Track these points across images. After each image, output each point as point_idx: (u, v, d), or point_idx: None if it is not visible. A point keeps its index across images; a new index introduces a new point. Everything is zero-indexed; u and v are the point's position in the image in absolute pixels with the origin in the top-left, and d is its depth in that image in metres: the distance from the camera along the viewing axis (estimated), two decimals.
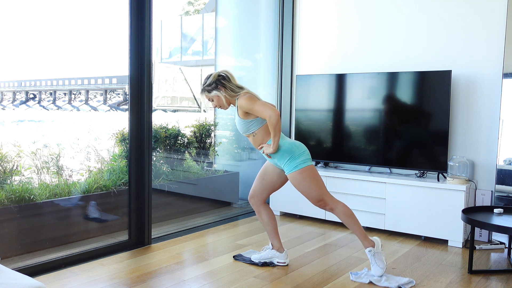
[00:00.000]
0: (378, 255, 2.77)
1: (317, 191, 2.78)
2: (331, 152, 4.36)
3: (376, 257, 2.77)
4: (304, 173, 2.74)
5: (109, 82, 4.43)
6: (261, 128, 2.81)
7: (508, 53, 3.58)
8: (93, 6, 3.90)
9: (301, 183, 2.76)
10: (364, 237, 2.80)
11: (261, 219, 3.09)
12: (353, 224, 2.80)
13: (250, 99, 2.72)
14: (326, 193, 2.81)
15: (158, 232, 3.75)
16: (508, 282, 2.86)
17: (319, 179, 2.80)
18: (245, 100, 2.73)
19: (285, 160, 2.77)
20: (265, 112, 2.66)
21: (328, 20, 4.60)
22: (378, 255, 2.77)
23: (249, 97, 2.73)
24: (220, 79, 2.81)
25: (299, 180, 2.76)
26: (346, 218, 2.80)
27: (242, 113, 2.79)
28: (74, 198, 3.39)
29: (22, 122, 3.78)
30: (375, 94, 4.09)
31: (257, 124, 2.79)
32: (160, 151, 4.31)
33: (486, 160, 3.77)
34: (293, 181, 2.79)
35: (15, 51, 3.41)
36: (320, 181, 2.80)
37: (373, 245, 2.79)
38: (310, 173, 2.76)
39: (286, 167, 2.78)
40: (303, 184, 2.76)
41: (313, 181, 2.76)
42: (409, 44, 4.11)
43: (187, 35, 6.19)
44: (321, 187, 2.80)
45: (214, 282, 2.78)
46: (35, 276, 2.74)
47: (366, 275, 2.81)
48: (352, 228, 2.80)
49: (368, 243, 2.79)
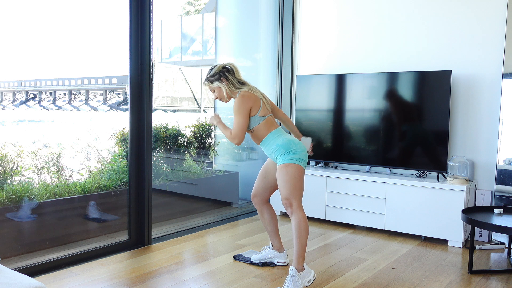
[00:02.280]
0: (295, 281, 2.55)
1: (291, 190, 2.68)
2: (331, 152, 4.36)
3: (293, 280, 2.55)
4: (291, 168, 2.67)
5: (109, 82, 4.43)
6: (260, 124, 2.79)
7: (508, 53, 3.58)
8: (93, 6, 3.90)
9: (282, 175, 2.68)
10: (302, 257, 2.63)
11: (263, 218, 3.09)
12: (301, 239, 2.63)
13: (240, 104, 2.73)
14: (298, 198, 2.70)
15: (158, 232, 3.75)
16: (508, 282, 2.86)
17: (300, 183, 2.71)
18: (237, 100, 2.75)
19: (279, 153, 2.73)
20: (233, 129, 2.74)
21: (328, 20, 4.60)
22: (295, 281, 2.55)
23: (241, 101, 2.73)
24: (224, 71, 2.82)
25: (282, 172, 2.68)
26: (298, 228, 2.65)
27: None
28: (74, 198, 3.39)
29: (22, 122, 3.78)
30: (375, 94, 4.09)
31: (255, 121, 2.78)
32: (160, 151, 4.31)
33: (486, 160, 3.77)
34: (278, 171, 2.72)
35: (15, 51, 3.41)
36: (300, 184, 2.70)
37: (301, 270, 2.61)
38: (295, 173, 2.67)
39: (279, 159, 2.74)
40: (283, 177, 2.68)
41: (293, 180, 2.67)
42: (409, 44, 4.11)
43: (187, 35, 6.19)
44: (297, 189, 2.69)
45: (214, 282, 2.78)
46: (35, 276, 2.74)
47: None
48: (297, 241, 2.63)
49: (299, 264, 2.61)
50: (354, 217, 4.05)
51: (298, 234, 2.64)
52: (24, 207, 3.05)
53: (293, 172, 2.67)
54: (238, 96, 2.76)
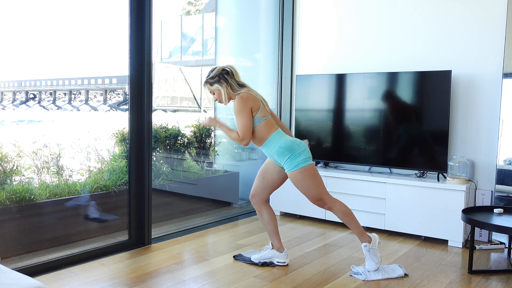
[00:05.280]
0: (373, 251, 2.86)
1: (316, 190, 2.81)
2: (331, 152, 4.36)
3: (371, 253, 2.85)
4: (305, 172, 2.76)
5: (109, 82, 4.43)
6: (260, 125, 2.81)
7: (508, 53, 3.58)
8: (93, 6, 3.90)
9: (301, 182, 2.78)
10: (362, 233, 2.89)
11: (262, 218, 3.09)
12: (351, 222, 2.88)
13: (240, 105, 2.74)
14: (325, 192, 2.85)
15: (158, 232, 3.75)
16: (508, 282, 2.86)
17: (319, 178, 2.83)
18: (237, 101, 2.77)
19: (285, 158, 2.77)
20: (239, 131, 2.76)
21: (328, 20, 4.60)
22: (373, 251, 2.86)
23: (240, 102, 2.75)
24: (223, 74, 2.84)
25: (300, 179, 2.77)
26: (344, 216, 2.87)
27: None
28: (74, 198, 3.39)
29: (22, 122, 3.78)
30: (375, 94, 4.09)
31: (254, 123, 2.79)
32: (160, 151, 4.31)
33: (486, 160, 3.77)
34: (293, 180, 2.80)
35: (15, 51, 3.41)
36: (319, 180, 2.83)
37: (369, 241, 2.88)
38: (310, 172, 2.78)
39: (286, 165, 2.79)
40: (303, 183, 2.78)
41: (313, 181, 2.79)
42: (409, 44, 4.11)
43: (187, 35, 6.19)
44: (320, 186, 2.82)
45: (214, 282, 2.78)
46: (35, 276, 2.74)
47: (363, 271, 2.87)
48: (350, 225, 2.88)
49: (365, 238, 2.88)
50: None
51: (348, 219, 2.87)
52: (24, 207, 3.05)
53: (309, 174, 2.78)
54: (237, 98, 2.77)
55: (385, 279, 2.82)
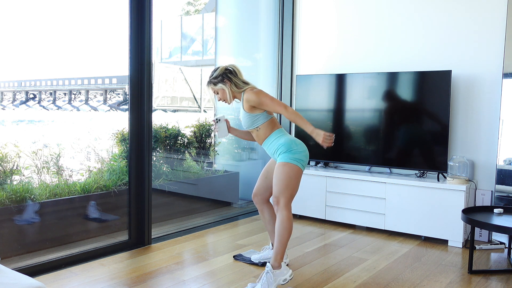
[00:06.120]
0: (270, 278, 2.55)
1: (282, 189, 2.68)
2: (331, 152, 4.35)
3: (267, 278, 2.55)
4: (288, 168, 2.67)
5: (109, 82, 4.43)
6: (266, 123, 2.81)
7: (508, 53, 3.58)
8: (93, 6, 3.90)
9: (278, 173, 2.69)
10: (280, 256, 2.62)
11: (263, 217, 3.09)
12: (281, 236, 2.63)
13: (260, 93, 2.73)
14: (286, 197, 2.68)
15: (158, 232, 3.75)
16: (508, 282, 2.86)
17: (294, 183, 2.70)
18: (254, 94, 2.73)
19: (280, 151, 2.74)
20: (278, 106, 2.69)
21: (328, 20, 4.60)
22: (270, 278, 2.55)
23: (258, 91, 2.75)
24: (226, 73, 2.83)
25: (279, 170, 2.69)
26: (281, 226, 2.64)
27: (248, 107, 2.78)
28: (74, 198, 3.39)
29: (22, 122, 3.78)
30: (375, 94, 4.09)
31: (262, 119, 2.80)
32: (160, 151, 4.31)
33: (486, 160, 3.77)
34: (275, 168, 2.73)
35: (15, 51, 3.41)
36: (293, 184, 2.69)
37: (277, 268, 2.60)
38: (291, 172, 2.68)
39: (279, 157, 2.74)
40: (278, 175, 2.69)
41: (287, 180, 2.67)
42: (409, 44, 4.11)
43: (187, 35, 6.19)
44: (288, 189, 2.68)
45: (214, 282, 2.78)
46: (35, 276, 2.74)
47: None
48: (278, 239, 2.63)
49: (276, 262, 2.60)
50: (354, 217, 4.05)
51: (279, 232, 2.64)
52: (24, 207, 3.05)
53: (289, 172, 2.67)
54: (251, 91, 2.73)
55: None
